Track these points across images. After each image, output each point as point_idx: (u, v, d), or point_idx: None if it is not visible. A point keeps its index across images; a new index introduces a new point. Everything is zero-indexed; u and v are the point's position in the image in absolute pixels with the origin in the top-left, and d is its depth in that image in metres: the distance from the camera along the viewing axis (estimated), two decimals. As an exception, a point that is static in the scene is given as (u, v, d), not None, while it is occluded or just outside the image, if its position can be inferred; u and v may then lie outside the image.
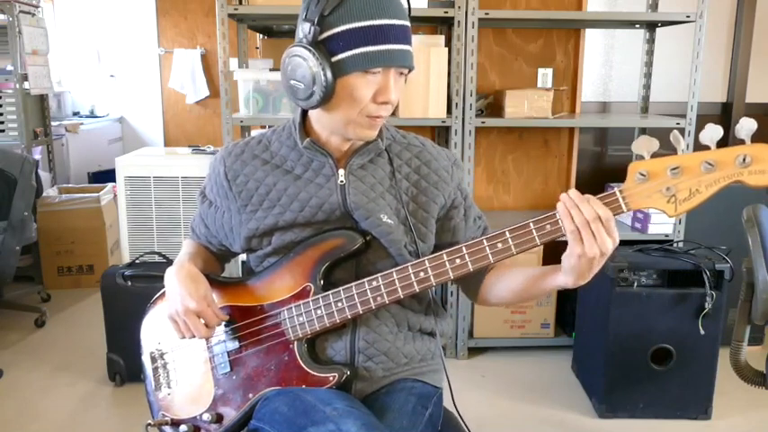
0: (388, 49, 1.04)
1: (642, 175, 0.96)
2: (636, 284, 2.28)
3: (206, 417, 1.19)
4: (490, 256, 1.04)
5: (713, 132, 0.93)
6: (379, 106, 1.08)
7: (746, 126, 0.91)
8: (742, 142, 0.92)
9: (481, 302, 1.27)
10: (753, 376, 1.79)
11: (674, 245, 2.43)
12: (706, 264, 2.20)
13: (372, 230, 1.14)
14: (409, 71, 1.11)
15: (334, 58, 1.04)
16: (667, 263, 2.28)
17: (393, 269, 1.09)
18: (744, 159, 0.91)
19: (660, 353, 2.25)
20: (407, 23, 1.08)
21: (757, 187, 0.91)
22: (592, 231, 0.95)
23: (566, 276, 1.02)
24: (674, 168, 0.94)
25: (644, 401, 2.29)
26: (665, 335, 2.23)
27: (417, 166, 1.21)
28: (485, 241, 1.04)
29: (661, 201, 0.95)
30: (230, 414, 1.17)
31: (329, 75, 1.04)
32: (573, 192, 0.97)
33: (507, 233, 1.02)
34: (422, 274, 1.07)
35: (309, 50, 1.04)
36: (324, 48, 1.05)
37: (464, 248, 1.05)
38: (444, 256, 1.06)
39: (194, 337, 1.12)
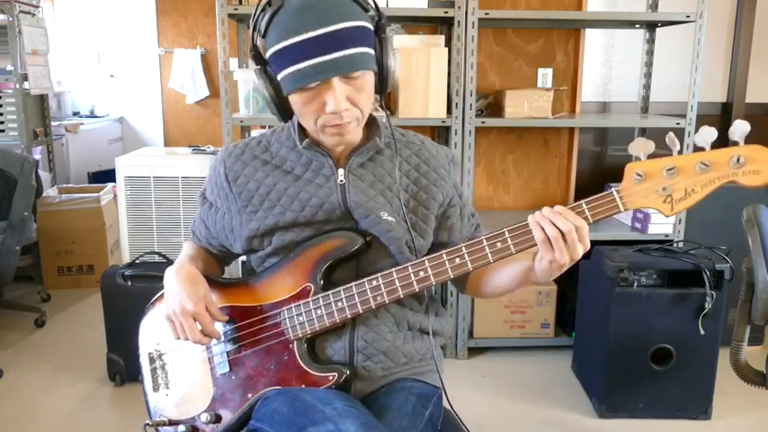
0: (313, 63, 1.01)
1: (639, 175, 0.98)
2: (636, 284, 2.28)
3: (204, 417, 1.19)
4: (490, 255, 1.05)
5: (707, 134, 0.95)
6: (330, 116, 1.06)
7: (740, 128, 0.94)
8: (736, 144, 0.94)
9: (471, 293, 1.30)
10: (753, 376, 1.79)
11: (674, 245, 2.43)
12: (706, 264, 2.20)
13: (372, 229, 1.14)
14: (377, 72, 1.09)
15: (278, 77, 1.07)
16: (667, 263, 2.28)
17: (393, 269, 1.09)
18: (738, 160, 0.93)
19: (660, 353, 2.25)
20: (341, 26, 1.01)
21: (751, 187, 0.94)
22: (566, 241, 0.98)
23: (536, 276, 1.07)
24: (669, 169, 0.96)
25: (644, 401, 2.29)
26: (665, 335, 2.23)
27: (417, 163, 1.21)
28: (484, 241, 1.05)
29: (657, 200, 0.98)
30: (229, 414, 1.17)
31: (275, 94, 1.10)
32: (546, 209, 1.00)
33: (506, 233, 1.04)
34: (421, 273, 1.08)
35: (256, 73, 1.10)
36: (269, 67, 1.09)
37: (464, 248, 1.06)
38: (444, 255, 1.07)
39: (188, 339, 1.11)
